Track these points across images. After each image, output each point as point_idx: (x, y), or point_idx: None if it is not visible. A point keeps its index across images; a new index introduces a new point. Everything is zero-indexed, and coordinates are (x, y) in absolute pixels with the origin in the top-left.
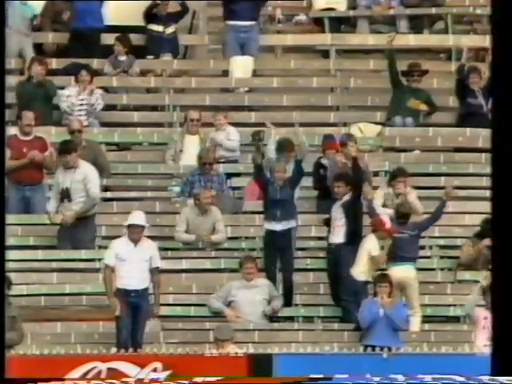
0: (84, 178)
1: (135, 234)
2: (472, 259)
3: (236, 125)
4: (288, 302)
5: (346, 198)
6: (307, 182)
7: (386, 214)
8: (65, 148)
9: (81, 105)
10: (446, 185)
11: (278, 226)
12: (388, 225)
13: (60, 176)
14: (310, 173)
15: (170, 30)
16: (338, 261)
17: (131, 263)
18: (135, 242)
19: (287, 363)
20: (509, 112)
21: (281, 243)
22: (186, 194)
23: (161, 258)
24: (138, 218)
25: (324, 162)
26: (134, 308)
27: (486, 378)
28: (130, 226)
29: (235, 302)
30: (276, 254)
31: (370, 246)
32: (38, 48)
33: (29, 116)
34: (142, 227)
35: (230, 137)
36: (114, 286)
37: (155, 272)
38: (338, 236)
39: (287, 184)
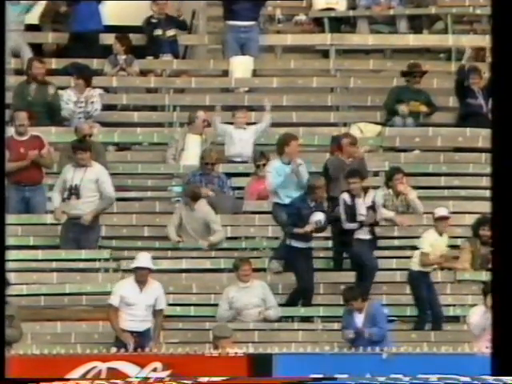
0: (97, 178)
1: (142, 276)
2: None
3: None
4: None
5: (372, 194)
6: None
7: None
8: (80, 146)
9: (79, 113)
10: (446, 184)
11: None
12: None
13: (69, 173)
14: (311, 173)
15: (170, 32)
16: (368, 254)
17: (137, 309)
18: (141, 284)
19: (287, 363)
20: (509, 112)
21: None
22: None
23: (161, 258)
24: (143, 260)
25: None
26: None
27: (490, 378)
28: (136, 269)
29: (234, 304)
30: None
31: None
32: (38, 48)
33: (21, 116)
34: (149, 269)
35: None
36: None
37: (159, 313)
38: (365, 231)
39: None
